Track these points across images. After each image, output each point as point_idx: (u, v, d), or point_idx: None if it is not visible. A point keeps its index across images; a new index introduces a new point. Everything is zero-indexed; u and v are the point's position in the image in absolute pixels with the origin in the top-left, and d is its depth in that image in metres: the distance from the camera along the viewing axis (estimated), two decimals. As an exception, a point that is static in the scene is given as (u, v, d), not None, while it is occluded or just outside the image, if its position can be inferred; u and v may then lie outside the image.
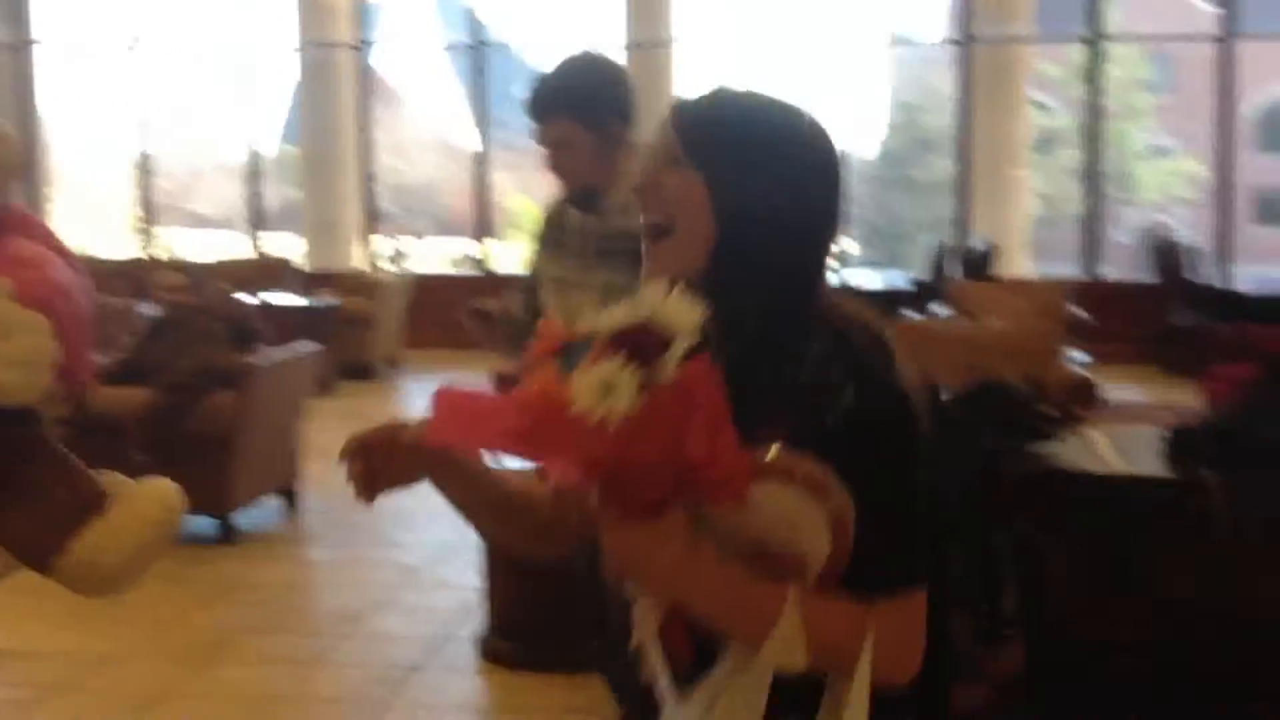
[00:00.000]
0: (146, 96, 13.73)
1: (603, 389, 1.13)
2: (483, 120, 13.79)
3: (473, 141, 14.35)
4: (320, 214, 14.22)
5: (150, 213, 14.08)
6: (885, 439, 1.28)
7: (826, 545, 1.21)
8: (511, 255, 13.65)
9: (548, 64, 3.06)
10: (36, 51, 13.87)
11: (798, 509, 1.21)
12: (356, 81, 13.60)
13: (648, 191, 1.40)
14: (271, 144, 19.72)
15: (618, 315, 1.20)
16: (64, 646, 4.49)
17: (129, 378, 5.72)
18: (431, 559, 5.63)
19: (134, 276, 9.17)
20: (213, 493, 5.58)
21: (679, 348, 1.15)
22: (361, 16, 13.55)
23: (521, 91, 3.04)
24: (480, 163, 13.70)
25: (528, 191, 28.20)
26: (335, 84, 13.96)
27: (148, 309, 6.46)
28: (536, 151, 3.00)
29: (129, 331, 6.13)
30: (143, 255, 13.09)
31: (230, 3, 13.20)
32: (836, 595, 1.23)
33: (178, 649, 4.53)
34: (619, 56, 13.34)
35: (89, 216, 23.60)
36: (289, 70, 15.25)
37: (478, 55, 13.47)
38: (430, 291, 11.81)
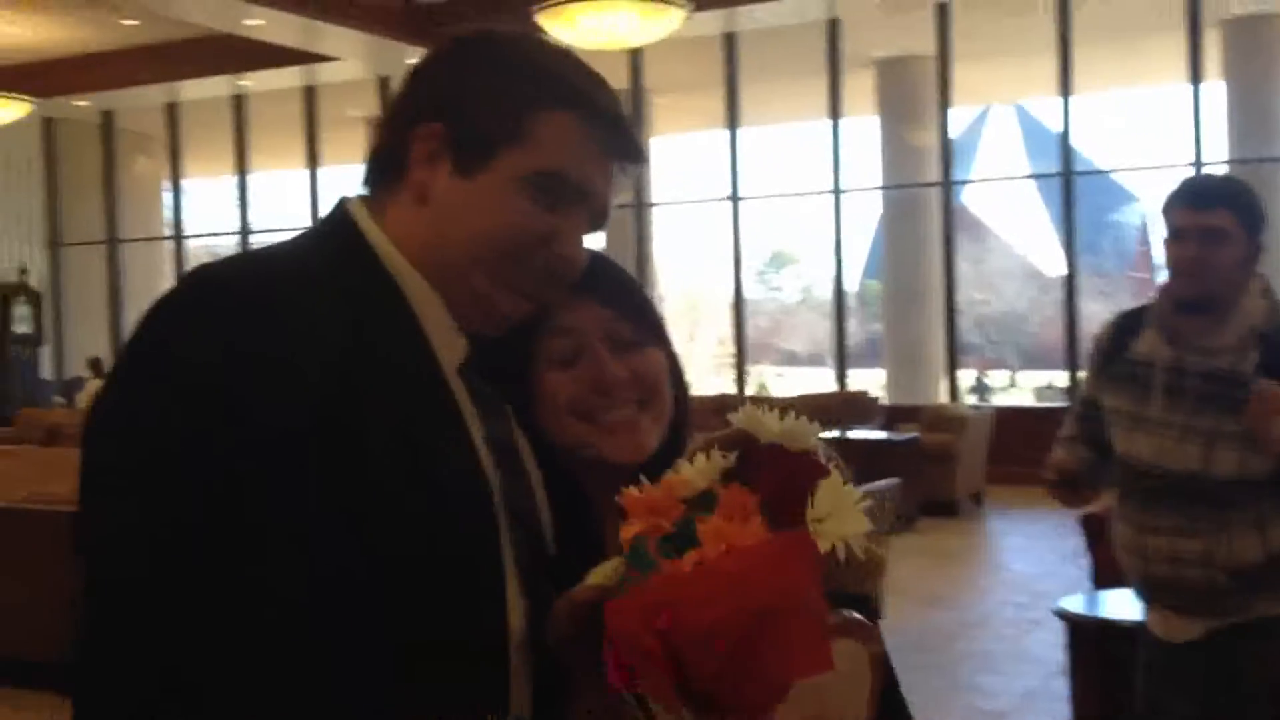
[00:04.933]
0: (743, 242, 14.63)
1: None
2: (1071, 247, 13.36)
3: (1060, 269, 13.91)
4: (903, 347, 14.35)
5: (743, 350, 14.90)
6: None
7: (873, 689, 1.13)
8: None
9: (1142, 187, 3.01)
10: (652, 212, 15.29)
11: (855, 659, 1.10)
12: (942, 216, 13.68)
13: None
14: (855, 280, 20.30)
15: (715, 459, 1.10)
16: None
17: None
18: (1018, 707, 5.33)
19: (725, 412, 9.66)
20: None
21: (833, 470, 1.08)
22: (948, 155, 13.66)
23: (1114, 216, 2.93)
24: (1069, 290, 13.24)
25: (1120, 321, 26.83)
26: (921, 220, 14.14)
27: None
28: (1140, 267, 2.84)
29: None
30: (734, 391, 13.84)
31: (819, 150, 13.84)
32: None
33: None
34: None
35: (689, 354, 25.43)
36: (873, 207, 15.68)
37: (1067, 183, 13.14)
38: (1013, 424, 11.45)
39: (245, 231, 16.54)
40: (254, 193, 16.62)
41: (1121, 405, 2.85)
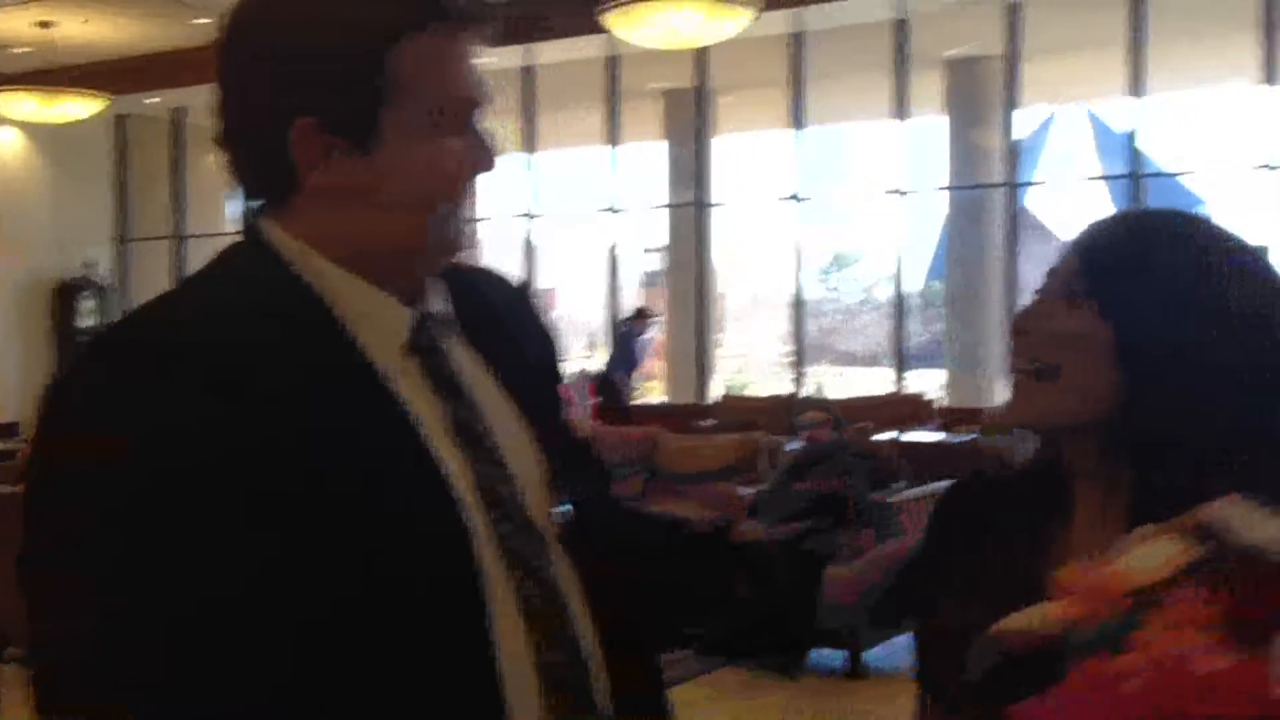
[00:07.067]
0: (803, 243, 14.53)
1: None
2: (1137, 252, 13.12)
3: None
4: (964, 349, 14.19)
5: (802, 351, 14.79)
6: None
7: None
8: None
9: (1206, 190, 2.89)
10: (713, 213, 15.19)
11: None
12: (1006, 219, 13.52)
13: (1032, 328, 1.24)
14: (918, 281, 20.13)
15: (1180, 548, 0.91)
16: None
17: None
18: None
19: (781, 413, 9.62)
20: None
21: None
22: (1013, 156, 13.48)
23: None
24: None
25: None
26: (985, 222, 13.96)
27: (792, 445, 6.71)
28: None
29: (773, 466, 6.39)
30: (792, 392, 13.75)
31: (884, 150, 13.73)
32: None
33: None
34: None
35: (749, 355, 25.36)
36: (938, 209, 15.53)
37: (1134, 186, 12.92)
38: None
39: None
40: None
41: None
